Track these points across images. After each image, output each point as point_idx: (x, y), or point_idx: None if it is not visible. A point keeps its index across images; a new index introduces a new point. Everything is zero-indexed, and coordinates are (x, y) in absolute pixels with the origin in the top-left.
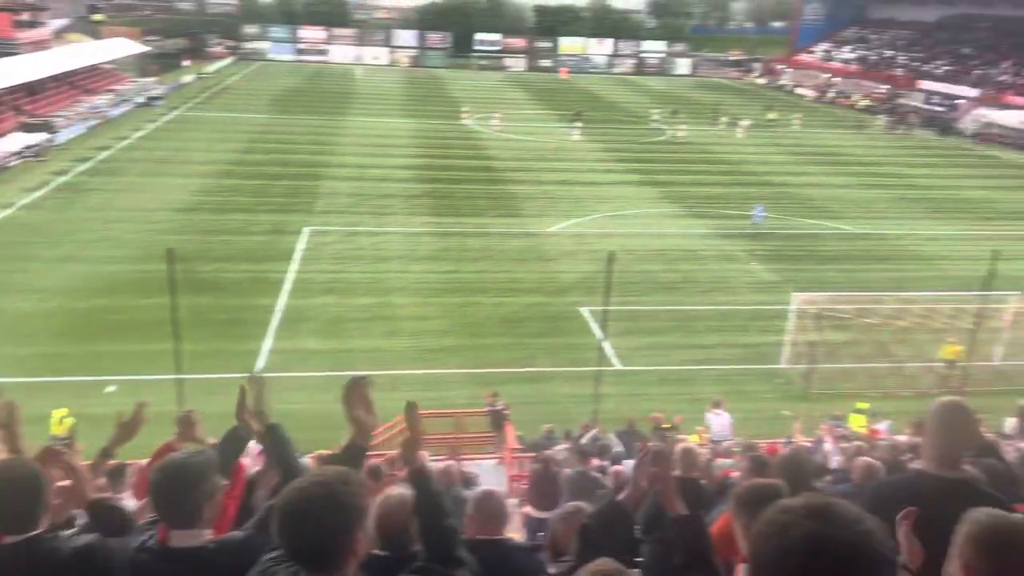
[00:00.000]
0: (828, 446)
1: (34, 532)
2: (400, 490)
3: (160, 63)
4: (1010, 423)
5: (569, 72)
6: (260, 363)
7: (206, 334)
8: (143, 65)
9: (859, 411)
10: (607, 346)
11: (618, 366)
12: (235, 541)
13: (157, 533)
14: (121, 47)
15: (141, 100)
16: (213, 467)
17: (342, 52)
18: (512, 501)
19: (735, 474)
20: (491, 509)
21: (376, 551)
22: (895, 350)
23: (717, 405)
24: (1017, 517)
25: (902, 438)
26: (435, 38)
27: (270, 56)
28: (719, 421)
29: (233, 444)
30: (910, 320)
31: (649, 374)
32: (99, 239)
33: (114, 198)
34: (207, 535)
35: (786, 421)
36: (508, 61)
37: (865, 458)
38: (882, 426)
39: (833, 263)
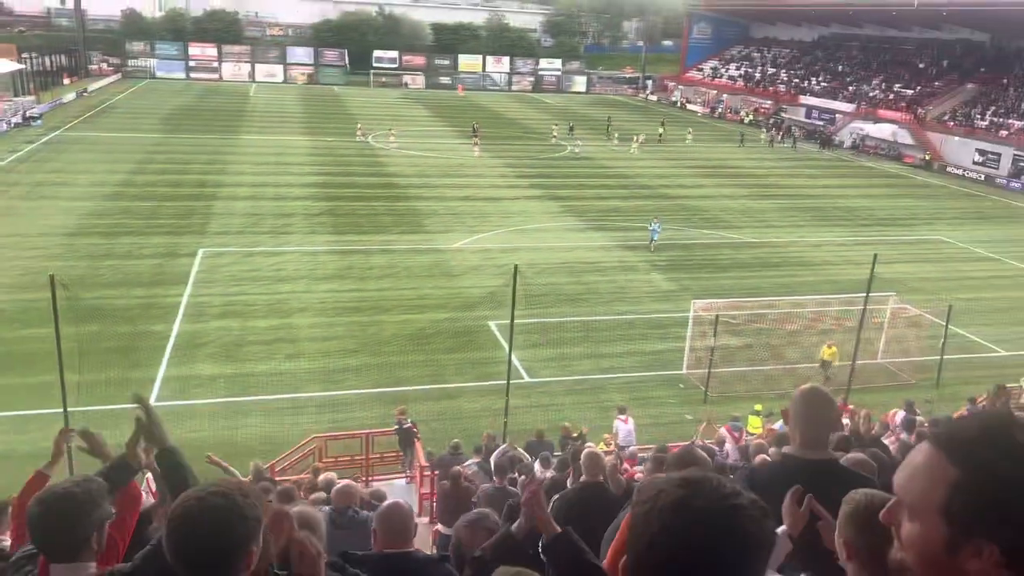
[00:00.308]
0: (728, 445)
1: None
2: (306, 507)
3: (37, 81)
4: (899, 416)
5: (465, 89)
6: (155, 391)
7: (95, 364)
8: (19, 83)
9: (756, 413)
10: (515, 358)
11: (527, 378)
12: (121, 574)
13: (37, 569)
14: None
15: (17, 120)
16: (101, 496)
17: (234, 69)
18: (423, 520)
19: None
20: (396, 522)
21: (275, 569)
22: (787, 352)
23: (622, 412)
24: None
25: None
26: (331, 55)
27: (158, 74)
28: (625, 428)
29: (118, 473)
30: (800, 323)
31: (557, 384)
32: None
33: None
34: (92, 568)
35: (690, 424)
36: (407, 78)
37: (762, 455)
38: (777, 425)
39: (727, 271)
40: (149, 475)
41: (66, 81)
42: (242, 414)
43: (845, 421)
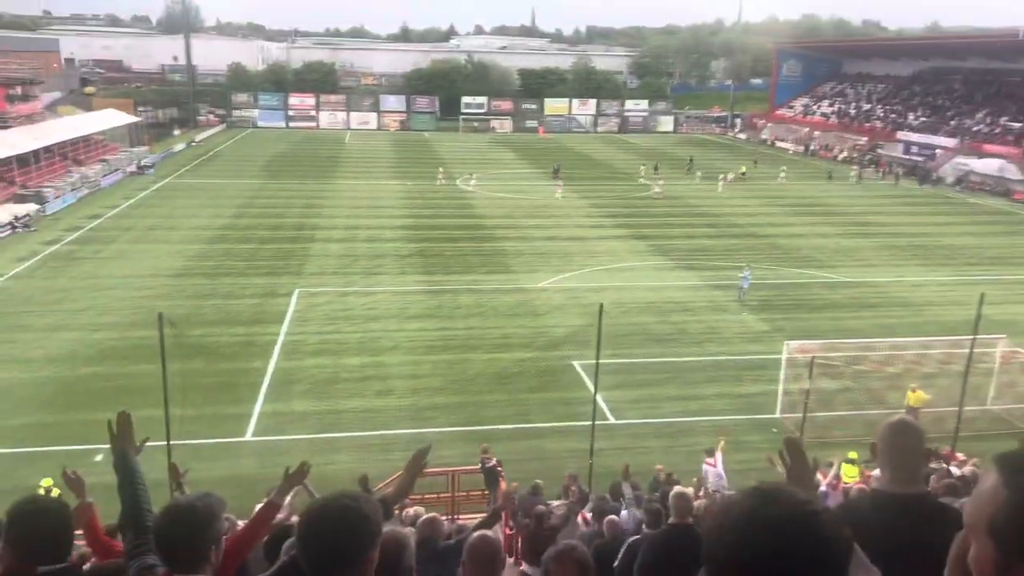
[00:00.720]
0: (823, 488)
1: (63, 564)
2: (397, 527)
3: (151, 133)
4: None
5: (546, 131)
6: (251, 426)
7: (197, 399)
8: (134, 135)
9: (850, 461)
10: (600, 399)
11: (612, 419)
12: None
13: None
14: (112, 118)
15: (132, 169)
16: (220, 510)
17: (331, 117)
18: (508, 560)
19: None
20: (485, 554)
21: None
22: (888, 396)
23: (711, 454)
24: None
25: None
26: (422, 102)
27: (260, 124)
28: (714, 471)
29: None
30: (901, 366)
31: (644, 426)
32: (89, 307)
33: (104, 266)
34: None
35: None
36: (494, 122)
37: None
38: (876, 472)
39: (822, 311)
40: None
41: (176, 132)
42: (334, 450)
43: (955, 470)
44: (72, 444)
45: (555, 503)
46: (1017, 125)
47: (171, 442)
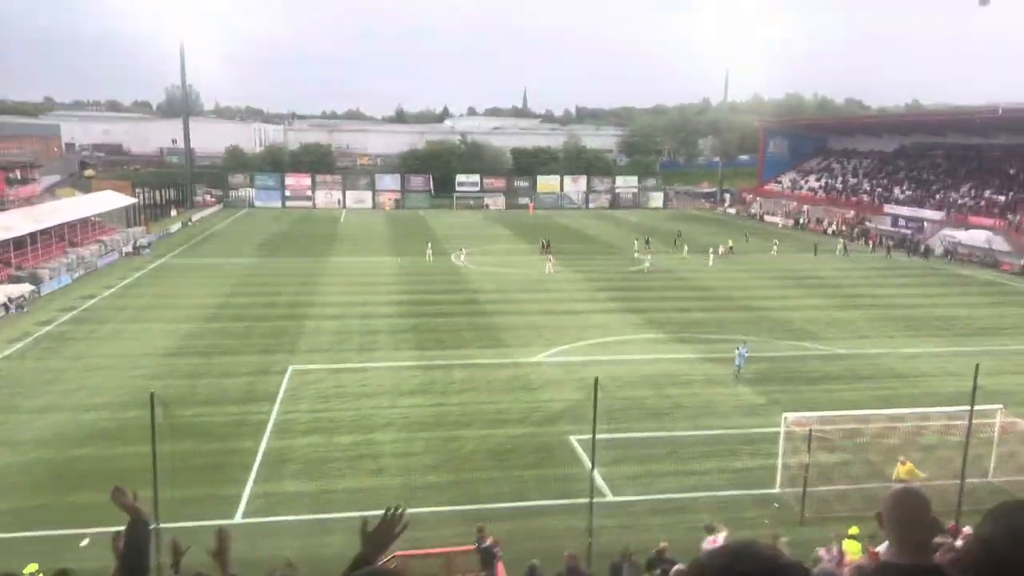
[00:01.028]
0: (825, 563)
1: None
2: None
3: (148, 213)
4: None
5: (536, 208)
6: (241, 508)
7: (187, 480)
8: (131, 216)
9: (852, 537)
10: (598, 475)
11: (610, 496)
12: None
13: None
14: (110, 199)
15: (128, 249)
16: None
17: (327, 197)
18: None
19: None
20: None
21: None
22: (888, 469)
23: (711, 531)
24: None
25: None
26: (417, 181)
27: (256, 203)
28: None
29: None
30: (900, 438)
31: (642, 503)
32: (80, 387)
33: (98, 346)
34: None
35: (785, 547)
36: (487, 200)
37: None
38: (882, 548)
39: (818, 384)
40: None
41: (173, 212)
42: (326, 532)
43: (959, 544)
44: (59, 528)
45: None
46: (1001, 198)
47: (160, 524)
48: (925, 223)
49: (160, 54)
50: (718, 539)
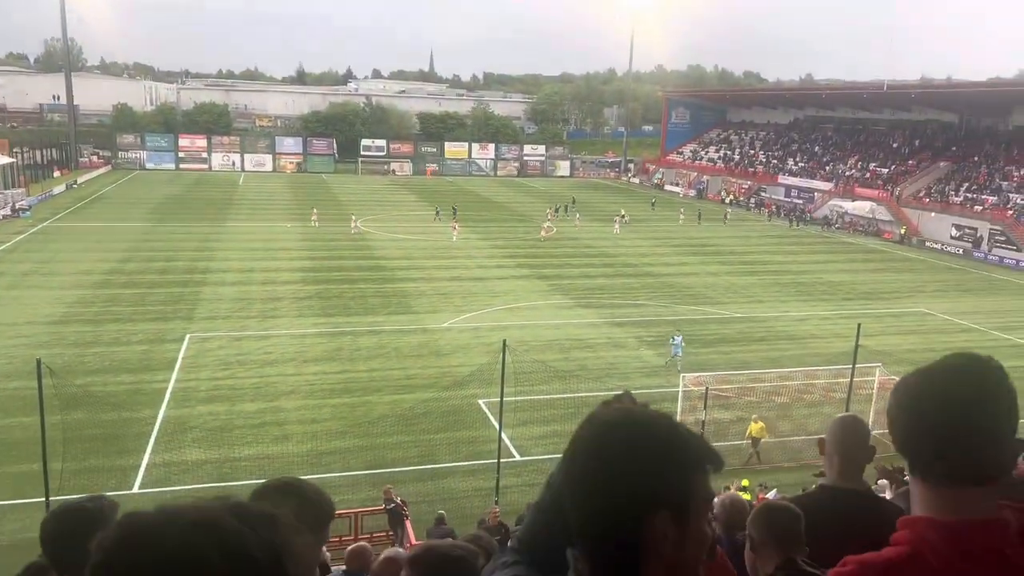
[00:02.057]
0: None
1: None
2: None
3: (28, 174)
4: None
5: (432, 172)
6: (139, 478)
7: (80, 451)
8: (9, 177)
9: (744, 489)
10: (506, 437)
11: (518, 456)
12: None
13: None
14: None
15: (6, 212)
16: (113, 512)
17: (224, 160)
18: None
19: None
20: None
21: None
22: (779, 425)
23: (765, 489)
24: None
25: None
26: (320, 144)
27: (148, 165)
28: None
29: None
30: (789, 396)
31: (549, 463)
32: None
33: None
34: None
35: None
36: (394, 165)
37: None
38: (771, 494)
39: (715, 346)
40: None
41: (56, 174)
42: None
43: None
44: None
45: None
46: (884, 170)
47: (51, 497)
48: (816, 194)
49: (36, 2)
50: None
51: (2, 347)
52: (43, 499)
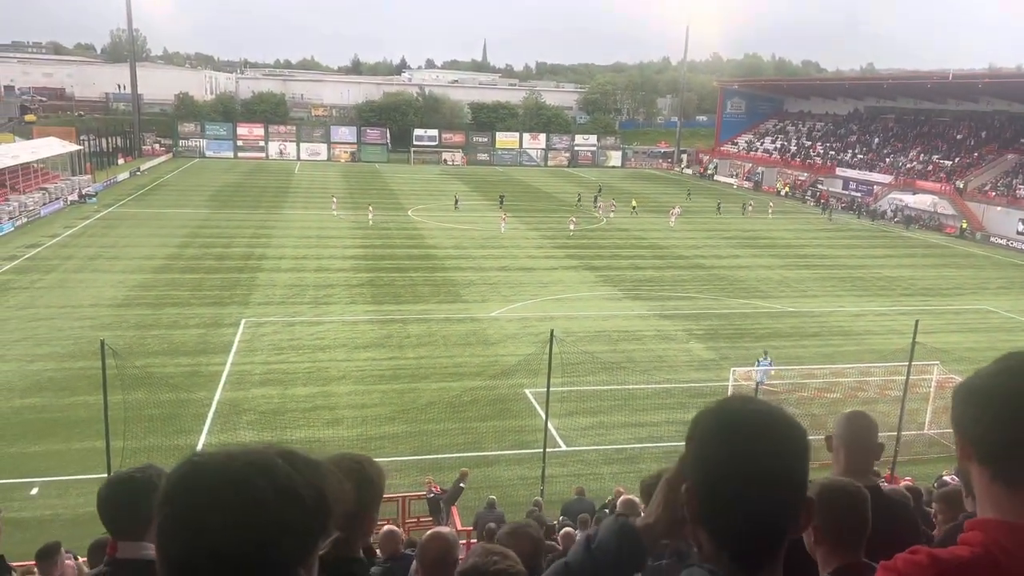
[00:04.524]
0: None
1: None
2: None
3: (94, 161)
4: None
5: (465, 160)
6: None
7: (139, 430)
8: (77, 164)
9: None
10: (552, 427)
11: (563, 446)
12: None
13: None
14: (52, 146)
15: (73, 198)
16: (160, 480)
17: (280, 148)
18: None
19: None
20: (434, 549)
21: None
22: (829, 422)
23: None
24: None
25: None
26: (373, 134)
27: (207, 153)
28: None
29: None
30: (842, 392)
31: (594, 453)
32: (25, 337)
33: (43, 295)
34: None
35: None
36: (446, 155)
37: None
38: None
39: (766, 340)
40: None
41: (121, 161)
42: None
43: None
44: (6, 478)
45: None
46: (948, 163)
47: (111, 474)
48: (875, 186)
49: None
50: None
51: (69, 328)
52: (105, 475)
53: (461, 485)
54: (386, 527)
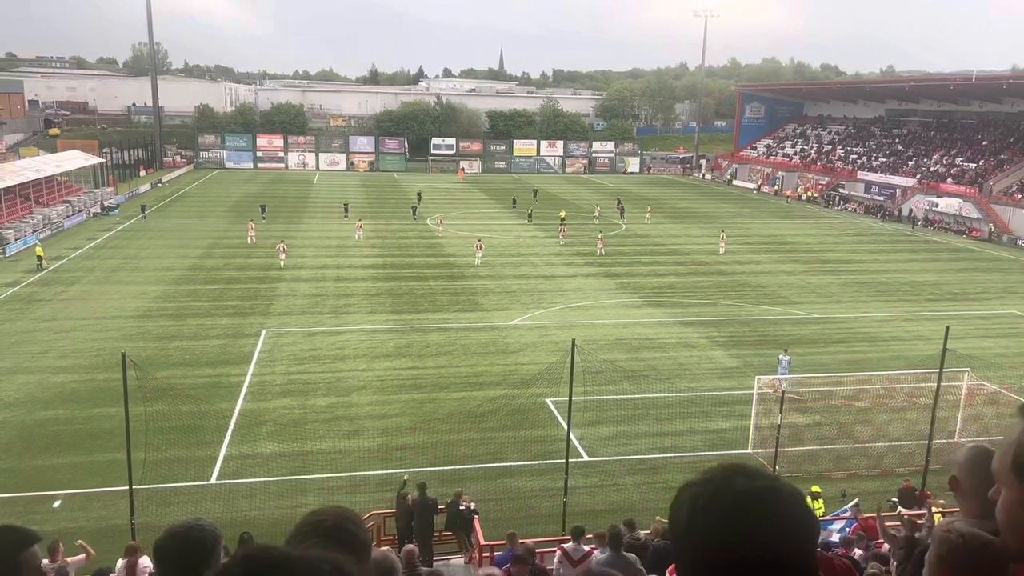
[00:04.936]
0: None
1: None
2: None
3: (116, 174)
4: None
5: (464, 172)
6: (216, 470)
7: (161, 442)
8: (99, 176)
9: (815, 495)
10: (574, 437)
11: (586, 457)
12: None
13: None
14: (76, 159)
15: (96, 210)
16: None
17: (299, 158)
18: None
19: None
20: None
21: None
22: (857, 430)
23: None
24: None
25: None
26: (391, 143)
27: (227, 164)
28: None
29: None
30: (870, 400)
31: (617, 464)
32: (49, 349)
33: (66, 307)
34: None
35: None
36: (463, 163)
37: None
38: (851, 504)
39: (791, 347)
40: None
41: (142, 173)
42: (301, 493)
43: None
44: (30, 491)
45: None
46: (973, 166)
47: (133, 487)
48: (898, 190)
49: (126, 9)
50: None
51: (92, 340)
52: (126, 487)
53: (461, 507)
54: (407, 547)
